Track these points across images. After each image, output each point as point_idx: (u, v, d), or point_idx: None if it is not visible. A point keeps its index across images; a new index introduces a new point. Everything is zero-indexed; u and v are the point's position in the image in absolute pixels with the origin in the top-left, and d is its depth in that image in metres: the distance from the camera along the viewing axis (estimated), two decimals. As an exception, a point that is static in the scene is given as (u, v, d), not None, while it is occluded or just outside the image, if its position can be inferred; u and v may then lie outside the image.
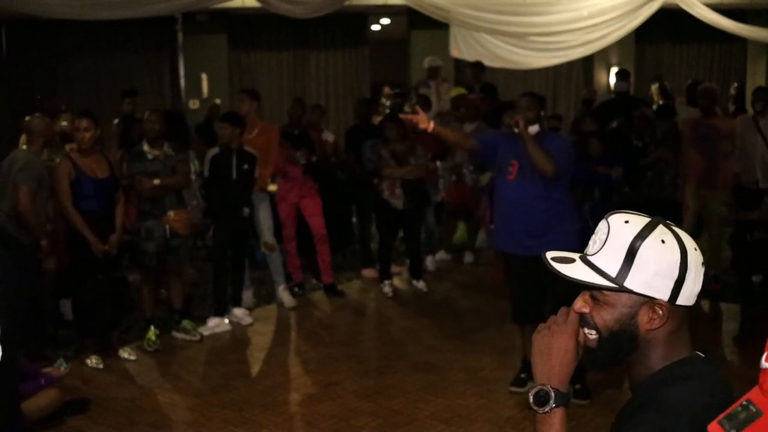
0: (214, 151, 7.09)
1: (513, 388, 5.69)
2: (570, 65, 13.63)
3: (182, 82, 13.60)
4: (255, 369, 6.54)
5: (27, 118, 6.42)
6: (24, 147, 6.34)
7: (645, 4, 10.22)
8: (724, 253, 8.65)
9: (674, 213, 8.10)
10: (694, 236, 6.22)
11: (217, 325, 7.18)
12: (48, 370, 5.75)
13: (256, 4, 9.53)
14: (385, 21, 15.62)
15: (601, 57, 13.81)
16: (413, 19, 13.32)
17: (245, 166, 7.12)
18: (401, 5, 11.51)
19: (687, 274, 1.67)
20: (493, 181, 6.10)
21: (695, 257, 1.69)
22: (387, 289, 8.26)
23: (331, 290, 8.27)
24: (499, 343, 6.71)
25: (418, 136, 8.54)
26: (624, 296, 1.69)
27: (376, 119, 10.08)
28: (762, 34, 11.90)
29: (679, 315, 1.72)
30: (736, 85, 12.15)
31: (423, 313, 7.74)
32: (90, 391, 5.82)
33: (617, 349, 1.73)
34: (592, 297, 1.75)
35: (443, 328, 7.24)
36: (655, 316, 1.68)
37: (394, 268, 8.67)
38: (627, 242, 1.68)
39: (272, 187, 8.08)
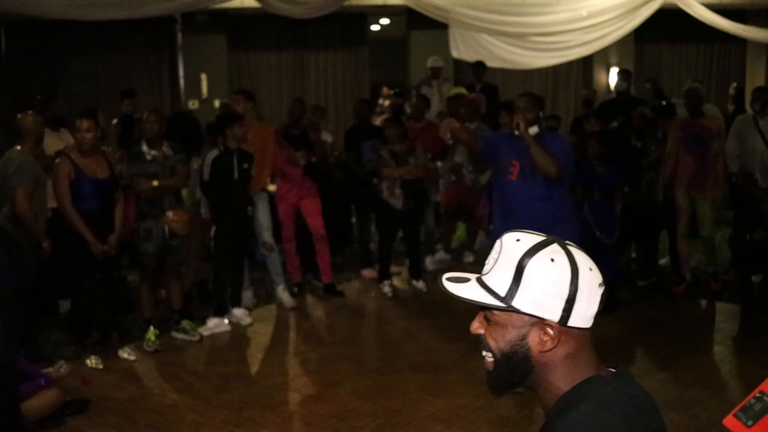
0: (214, 152, 7.08)
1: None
2: (569, 65, 13.65)
3: (181, 82, 13.59)
4: (254, 369, 6.54)
5: (19, 116, 6.43)
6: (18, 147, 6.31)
7: (644, 4, 10.24)
8: (725, 253, 8.67)
9: (674, 214, 8.13)
10: (693, 237, 6.24)
11: (216, 325, 7.19)
12: (48, 370, 5.76)
13: (256, 5, 9.54)
14: (385, 21, 15.63)
15: (601, 57, 13.83)
16: (412, 20, 13.33)
17: (245, 166, 7.13)
18: (400, 5, 11.53)
19: (578, 295, 1.61)
20: (493, 181, 6.09)
21: (590, 277, 1.63)
22: (386, 289, 8.27)
23: (331, 290, 8.27)
24: (498, 344, 6.70)
25: (417, 136, 8.56)
26: (514, 316, 1.65)
27: (376, 119, 10.09)
28: (761, 35, 11.91)
29: (576, 337, 1.66)
30: (735, 85, 12.16)
31: (423, 314, 7.75)
32: (90, 391, 5.82)
33: (511, 371, 1.69)
34: (486, 318, 1.71)
35: (443, 329, 7.24)
36: (546, 338, 1.63)
37: (394, 269, 8.68)
38: (516, 260, 1.62)
39: (271, 187, 8.09)
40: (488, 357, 1.73)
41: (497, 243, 1.69)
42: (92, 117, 6.42)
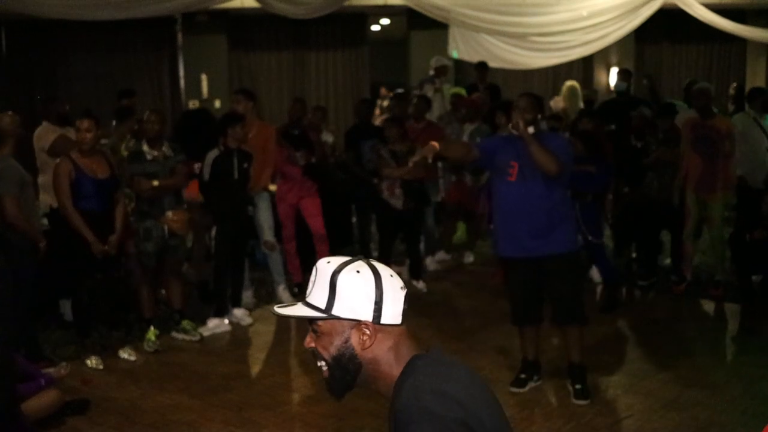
0: (214, 152, 7.08)
1: (513, 389, 5.69)
2: (570, 65, 13.64)
3: (182, 82, 13.60)
4: (255, 369, 6.54)
5: None
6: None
7: (645, 4, 10.24)
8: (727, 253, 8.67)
9: (675, 214, 8.11)
10: (696, 237, 6.18)
11: (216, 325, 7.19)
12: (48, 370, 5.75)
13: (256, 5, 9.54)
14: (385, 21, 15.63)
15: (601, 57, 13.83)
16: (413, 20, 13.34)
17: (245, 165, 7.13)
18: (401, 5, 11.53)
19: (384, 297, 1.93)
20: (491, 184, 6.06)
21: (391, 283, 1.96)
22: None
23: (331, 290, 8.26)
24: (498, 344, 6.71)
25: (418, 136, 8.55)
26: (336, 323, 1.95)
27: (376, 119, 10.09)
28: (761, 35, 11.90)
29: (392, 332, 1.97)
30: (735, 85, 12.15)
31: (422, 314, 7.73)
32: (90, 391, 5.82)
33: (344, 372, 1.99)
34: (314, 331, 2.00)
35: (443, 329, 7.24)
36: (365, 336, 1.94)
37: (394, 268, 8.60)
38: (329, 277, 1.93)
39: (272, 187, 8.09)
40: (323, 366, 2.01)
41: (314, 270, 1.98)
42: (92, 117, 6.41)
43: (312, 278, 1.98)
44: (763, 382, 5.86)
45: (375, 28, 15.71)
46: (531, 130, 5.36)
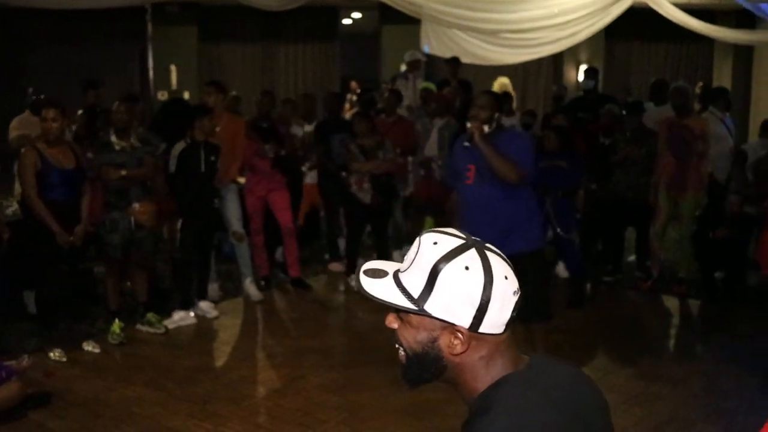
0: (181, 145, 7.03)
1: None
2: (540, 62, 13.70)
3: (151, 73, 13.51)
4: (220, 362, 6.52)
5: None
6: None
7: (615, 2, 10.28)
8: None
9: (642, 211, 8.19)
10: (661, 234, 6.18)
11: (182, 318, 7.14)
12: (10, 363, 5.69)
13: (226, -4, 9.48)
14: (357, 15, 15.61)
15: (571, 54, 13.90)
16: (385, 14, 13.33)
17: (212, 158, 7.09)
18: (372, 0, 11.51)
19: (490, 304, 1.60)
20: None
21: (504, 286, 1.62)
22: (354, 283, 8.23)
23: (298, 284, 8.25)
24: (465, 338, 6.72)
25: (388, 131, 8.56)
26: (426, 319, 1.64)
27: (346, 113, 10.08)
28: (729, 35, 12.01)
29: (488, 342, 1.66)
30: (701, 84, 12.27)
31: (390, 307, 7.74)
32: (53, 384, 5.76)
33: (423, 369, 1.70)
34: (399, 316, 1.71)
35: (410, 323, 7.24)
36: (456, 342, 1.63)
37: (360, 263, 8.64)
38: (431, 264, 1.61)
39: (241, 180, 8.05)
40: (401, 351, 1.73)
41: (416, 240, 1.67)
42: (58, 107, 6.33)
43: (413, 252, 1.66)
44: (724, 377, 5.93)
45: (346, 21, 15.69)
46: (486, 129, 5.31)
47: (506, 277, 1.63)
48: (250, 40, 13.94)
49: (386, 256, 8.52)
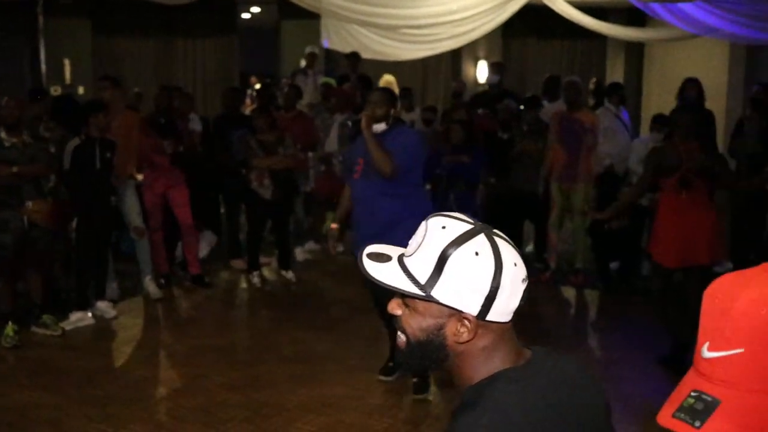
0: (75, 141, 6.85)
1: (381, 377, 5.74)
2: (439, 58, 13.82)
3: (43, 67, 13.09)
4: (119, 363, 6.39)
5: None
6: None
7: (511, 0, 10.46)
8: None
9: (538, 205, 8.38)
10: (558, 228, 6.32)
11: (79, 318, 6.97)
12: None
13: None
14: (256, 10, 15.47)
15: (469, 50, 14.07)
16: (284, 9, 13.23)
17: (107, 155, 6.93)
18: (271, -6, 11.44)
19: (500, 291, 1.56)
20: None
21: (513, 273, 1.58)
22: (255, 279, 8.22)
23: (199, 281, 8.15)
24: (367, 332, 6.76)
25: (288, 126, 8.52)
26: (433, 306, 1.59)
27: (246, 109, 10.00)
28: (621, 32, 12.37)
29: (494, 330, 1.61)
30: (594, 80, 12.59)
31: (292, 304, 7.74)
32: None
33: (424, 357, 1.65)
34: (404, 302, 1.65)
35: (312, 318, 7.25)
36: (463, 330, 1.59)
37: (263, 259, 8.62)
38: (439, 249, 1.56)
39: (139, 176, 7.91)
40: (401, 337, 1.67)
41: (423, 224, 1.63)
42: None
43: (418, 237, 1.61)
44: (620, 364, 6.12)
45: (245, 16, 15.54)
46: (381, 127, 5.34)
47: (515, 264, 1.59)
48: (147, 34, 13.67)
49: (287, 253, 8.50)
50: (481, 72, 14.50)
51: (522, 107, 8.99)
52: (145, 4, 11.44)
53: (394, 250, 1.66)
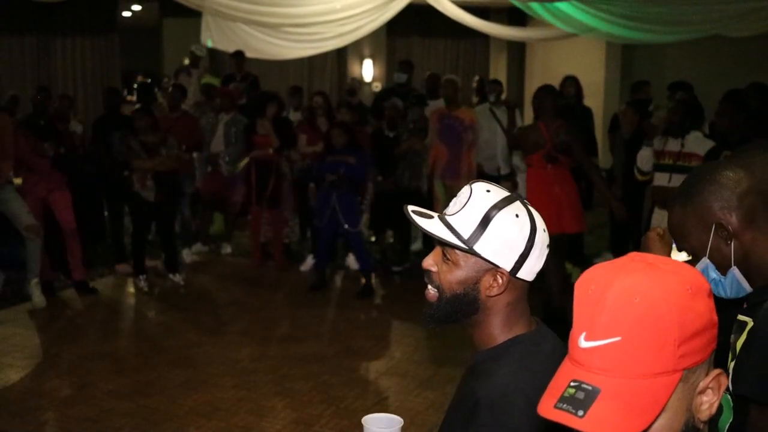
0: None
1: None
2: (324, 56, 13.84)
3: None
4: (1, 374, 6.15)
5: None
6: None
7: (395, -1, 10.54)
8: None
9: (423, 202, 8.47)
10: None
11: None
12: None
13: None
14: (136, 8, 15.15)
15: (355, 49, 14.12)
16: (165, 6, 13.01)
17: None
18: (152, -9, 11.21)
19: (532, 251, 1.75)
20: None
21: (542, 237, 1.77)
22: (142, 283, 8.05)
23: (83, 287, 7.92)
24: (257, 334, 6.73)
25: (171, 126, 8.37)
26: (471, 259, 1.76)
27: (126, 109, 9.79)
28: (503, 31, 12.63)
29: (518, 288, 1.81)
30: (477, 78, 12.83)
31: (180, 307, 7.61)
32: None
33: (456, 309, 1.81)
34: (444, 255, 1.80)
35: (201, 322, 7.15)
36: (495, 284, 1.76)
37: (149, 262, 8.44)
38: (484, 209, 1.73)
39: (17, 180, 7.63)
40: (432, 291, 1.82)
41: (466, 188, 1.78)
42: None
43: (462, 199, 1.77)
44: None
45: (126, 14, 15.20)
46: None
47: (544, 230, 1.78)
48: (22, 31, 13.18)
49: (174, 255, 8.36)
50: (367, 70, 14.57)
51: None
52: (20, 2, 11.06)
53: (432, 212, 1.82)
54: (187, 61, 11.78)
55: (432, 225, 1.77)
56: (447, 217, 1.78)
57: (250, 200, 8.66)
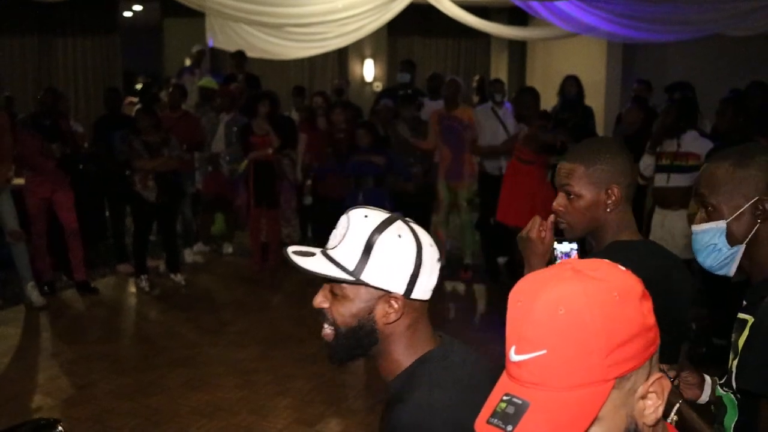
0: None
1: None
2: (325, 56, 13.83)
3: None
4: (2, 375, 6.15)
5: None
6: None
7: (396, -2, 10.54)
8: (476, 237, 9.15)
9: (428, 201, 8.50)
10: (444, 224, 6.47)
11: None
12: None
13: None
14: (138, 8, 15.16)
15: (356, 49, 14.11)
16: (167, 7, 13.00)
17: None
18: (153, -8, 11.22)
19: (422, 269, 1.70)
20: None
21: (431, 253, 1.72)
22: (143, 283, 8.05)
23: (84, 288, 7.93)
24: (259, 334, 6.73)
25: (173, 126, 8.38)
26: (362, 290, 1.70)
27: (127, 109, 9.79)
28: (504, 31, 12.63)
29: (416, 309, 1.75)
30: (477, 77, 12.82)
31: (182, 307, 7.62)
32: None
33: (356, 343, 1.75)
34: (332, 292, 1.75)
35: (202, 322, 7.16)
36: (391, 310, 1.71)
37: (151, 262, 8.45)
38: (365, 236, 1.68)
39: (18, 180, 7.64)
40: (329, 329, 1.76)
41: (344, 218, 1.73)
42: None
43: (340, 230, 1.72)
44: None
45: (127, 14, 15.20)
46: None
47: (431, 245, 1.74)
48: (24, 32, 13.19)
49: (176, 255, 8.37)
50: (368, 70, 14.56)
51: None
52: (22, 1, 11.07)
53: (314, 249, 1.75)
54: (188, 62, 11.78)
55: (314, 263, 1.70)
56: (329, 251, 1.72)
57: (250, 201, 8.67)
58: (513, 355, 1.17)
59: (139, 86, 12.15)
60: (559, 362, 1.12)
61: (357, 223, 1.71)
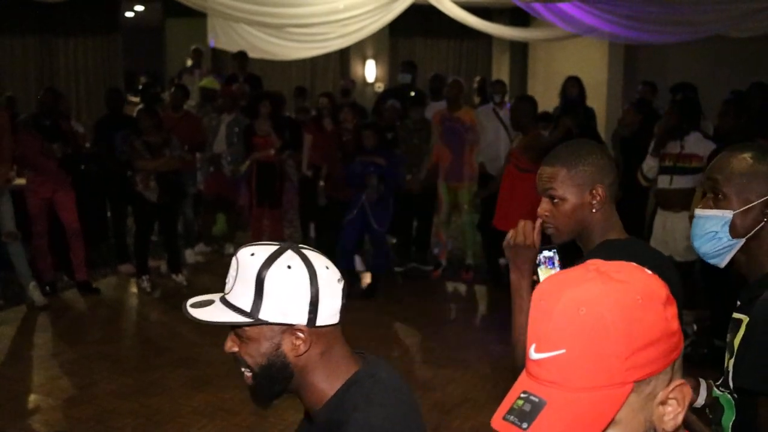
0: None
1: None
2: (327, 57, 13.83)
3: None
4: (4, 374, 6.16)
5: None
6: None
7: (397, -1, 10.55)
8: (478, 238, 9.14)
9: (430, 201, 8.52)
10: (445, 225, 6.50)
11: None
12: None
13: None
14: (139, 8, 15.16)
15: (357, 49, 14.12)
16: (169, 7, 13.01)
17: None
18: (155, -8, 11.22)
19: (320, 295, 1.67)
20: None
21: (328, 275, 1.69)
22: (145, 284, 8.05)
23: (86, 288, 7.93)
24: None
25: (174, 126, 8.38)
26: (264, 328, 1.68)
27: (129, 109, 9.79)
28: (505, 32, 12.63)
29: (327, 334, 1.72)
30: (478, 78, 12.82)
31: (181, 309, 7.60)
32: None
33: (273, 382, 1.74)
34: (237, 336, 1.73)
35: (201, 324, 7.13)
36: (299, 342, 1.68)
37: (152, 263, 8.46)
38: (254, 274, 1.65)
39: (20, 180, 7.64)
40: (246, 372, 1.75)
41: (233, 260, 1.70)
42: None
43: (232, 272, 1.69)
44: (509, 358, 6.23)
45: (129, 14, 15.21)
46: None
47: (327, 267, 1.69)
48: (25, 32, 13.20)
49: (177, 255, 8.37)
50: (369, 71, 14.57)
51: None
52: (23, 2, 11.08)
53: (214, 296, 1.74)
54: (190, 62, 11.78)
55: (210, 313, 1.69)
56: (227, 297, 1.70)
57: (252, 201, 8.67)
58: (533, 353, 1.17)
59: (140, 86, 12.13)
60: (577, 362, 1.12)
61: (244, 262, 1.67)
